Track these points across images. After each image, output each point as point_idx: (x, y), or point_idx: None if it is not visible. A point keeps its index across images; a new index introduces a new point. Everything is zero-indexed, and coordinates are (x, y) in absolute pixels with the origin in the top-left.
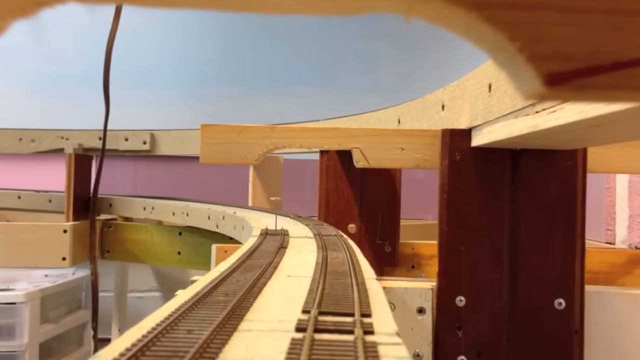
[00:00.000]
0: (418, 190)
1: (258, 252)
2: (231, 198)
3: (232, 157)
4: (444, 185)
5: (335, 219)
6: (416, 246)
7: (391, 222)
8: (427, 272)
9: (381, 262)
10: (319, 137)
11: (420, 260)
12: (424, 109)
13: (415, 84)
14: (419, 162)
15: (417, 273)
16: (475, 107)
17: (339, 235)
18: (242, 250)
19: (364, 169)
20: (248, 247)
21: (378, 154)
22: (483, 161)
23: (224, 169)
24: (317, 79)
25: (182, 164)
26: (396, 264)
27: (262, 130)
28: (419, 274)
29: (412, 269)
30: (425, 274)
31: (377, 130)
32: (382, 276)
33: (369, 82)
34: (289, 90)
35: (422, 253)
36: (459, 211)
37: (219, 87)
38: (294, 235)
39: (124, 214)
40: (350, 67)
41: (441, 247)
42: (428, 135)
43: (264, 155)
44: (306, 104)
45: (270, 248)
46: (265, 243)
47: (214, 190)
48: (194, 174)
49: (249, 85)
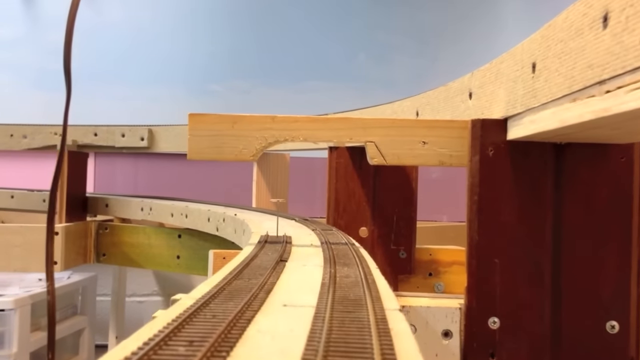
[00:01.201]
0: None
1: (251, 267)
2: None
3: (225, 151)
4: (474, 186)
5: (346, 221)
6: (434, 252)
7: (407, 225)
8: (446, 281)
9: (395, 269)
10: (327, 128)
11: (438, 268)
12: (446, 98)
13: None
14: (444, 159)
15: (435, 281)
16: (514, 93)
17: (349, 244)
18: (232, 266)
19: (377, 168)
20: (240, 261)
21: (396, 148)
22: (521, 157)
23: (228, 167)
24: (330, 73)
25: (184, 162)
26: (412, 272)
27: (261, 121)
28: (437, 282)
29: (429, 277)
30: (443, 283)
31: (395, 121)
32: (396, 284)
33: (383, 76)
34: (300, 85)
35: (440, 259)
36: (492, 217)
37: (227, 81)
38: (298, 243)
39: (120, 214)
40: (363, 61)
41: (471, 258)
42: (455, 127)
43: (263, 150)
44: (318, 99)
45: (267, 261)
46: (262, 254)
47: (218, 190)
48: (197, 173)
49: (258, 80)
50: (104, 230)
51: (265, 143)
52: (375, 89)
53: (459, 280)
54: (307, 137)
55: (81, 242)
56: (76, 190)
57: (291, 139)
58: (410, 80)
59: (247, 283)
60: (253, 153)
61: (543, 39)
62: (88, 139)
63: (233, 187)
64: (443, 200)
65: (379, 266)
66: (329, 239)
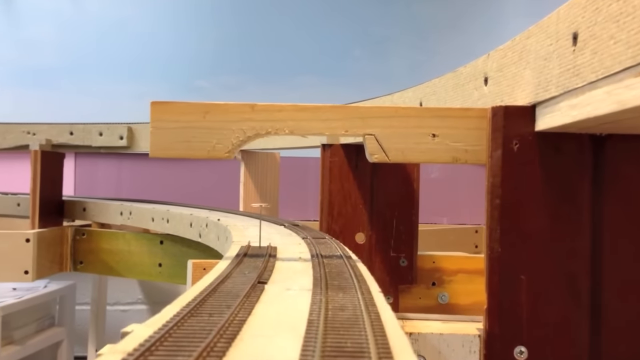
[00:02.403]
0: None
1: (218, 295)
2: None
3: (195, 147)
4: (495, 188)
5: (341, 226)
6: (437, 259)
7: (407, 230)
8: (451, 291)
9: (395, 278)
10: (318, 119)
11: (442, 276)
12: (456, 86)
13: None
14: (458, 154)
15: (439, 292)
16: (545, 73)
17: (345, 257)
18: (195, 291)
19: (375, 167)
20: (206, 284)
21: (400, 142)
22: (552, 152)
23: (215, 167)
24: (324, 67)
25: (170, 163)
26: (413, 281)
27: (238, 110)
28: (441, 292)
29: (432, 287)
30: (448, 293)
31: (399, 110)
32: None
33: (379, 71)
34: (292, 81)
35: (445, 267)
36: (518, 224)
37: (214, 77)
38: (284, 255)
39: (99, 219)
40: (358, 55)
41: (491, 274)
42: (471, 116)
43: (241, 146)
44: (311, 95)
45: (241, 284)
46: (237, 274)
47: (205, 191)
48: (184, 173)
49: (247, 76)
50: (81, 236)
51: (244, 137)
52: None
53: (464, 290)
54: (294, 130)
55: (56, 249)
56: (51, 193)
57: (274, 131)
58: (408, 76)
59: (208, 320)
60: (229, 149)
61: (589, 1)
62: (63, 138)
63: (220, 189)
64: (443, 202)
65: (377, 275)
66: (320, 251)
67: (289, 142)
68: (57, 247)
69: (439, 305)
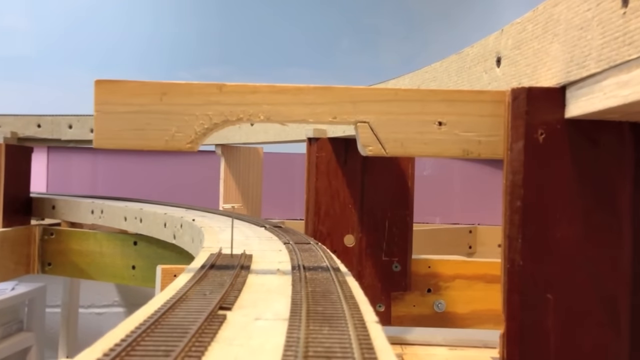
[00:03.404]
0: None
1: (160, 330)
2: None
3: (149, 137)
4: (516, 187)
5: (328, 228)
6: (433, 263)
7: (401, 232)
8: (447, 298)
9: (388, 285)
10: (299, 102)
11: (439, 282)
12: (460, 70)
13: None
14: (470, 146)
15: (435, 299)
16: (581, 45)
17: (333, 270)
18: (128, 327)
19: (365, 163)
20: (150, 312)
21: (400, 132)
22: (587, 144)
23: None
24: (311, 60)
25: (148, 158)
26: (407, 288)
27: (203, 91)
28: (437, 300)
29: (427, 294)
30: (444, 300)
31: (399, 92)
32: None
33: (369, 63)
34: (278, 73)
35: (441, 272)
36: (544, 232)
37: (196, 68)
38: (259, 267)
39: (68, 218)
40: (346, 46)
41: (511, 293)
42: (486, 100)
43: (206, 135)
44: None
45: (197, 311)
46: (196, 294)
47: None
48: (162, 169)
49: (231, 67)
50: (49, 236)
51: (210, 124)
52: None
53: (463, 297)
54: (271, 116)
55: (22, 249)
56: (17, 189)
57: (247, 117)
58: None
59: None
60: (191, 139)
61: None
62: (30, 131)
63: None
64: (435, 200)
65: (368, 281)
66: (303, 260)
67: (272, 136)
68: (24, 248)
69: (435, 314)
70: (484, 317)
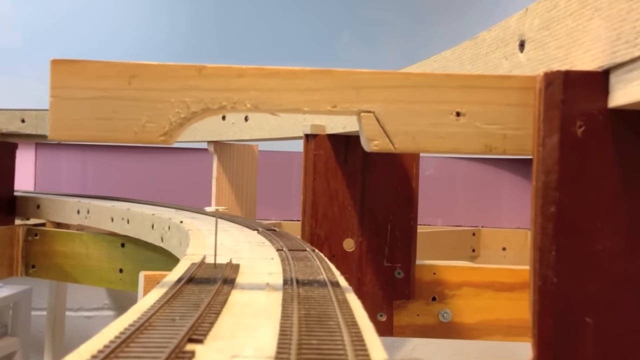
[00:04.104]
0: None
1: None
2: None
3: (116, 127)
4: (550, 189)
5: (326, 231)
6: (438, 270)
7: (404, 236)
8: (454, 307)
9: (390, 292)
10: (292, 88)
11: (444, 290)
12: (475, 57)
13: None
14: (493, 141)
15: (440, 308)
16: (632, 20)
17: (331, 285)
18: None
19: (366, 162)
20: (95, 348)
21: (411, 123)
22: (633, 137)
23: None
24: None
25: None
26: (411, 296)
27: (179, 74)
28: (443, 309)
29: (432, 302)
30: (450, 310)
31: (411, 77)
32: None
33: (370, 57)
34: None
35: (447, 280)
36: (584, 244)
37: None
38: (246, 280)
39: (53, 218)
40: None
41: (543, 316)
42: (513, 87)
43: (184, 126)
44: None
45: (158, 346)
46: (163, 319)
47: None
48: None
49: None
50: (33, 237)
51: (187, 113)
52: None
53: (470, 306)
54: (259, 103)
55: (5, 250)
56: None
57: (231, 105)
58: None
59: None
60: (165, 130)
61: None
62: (14, 127)
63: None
64: (437, 201)
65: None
66: (298, 272)
67: (268, 132)
68: (6, 249)
69: (440, 324)
70: (492, 327)
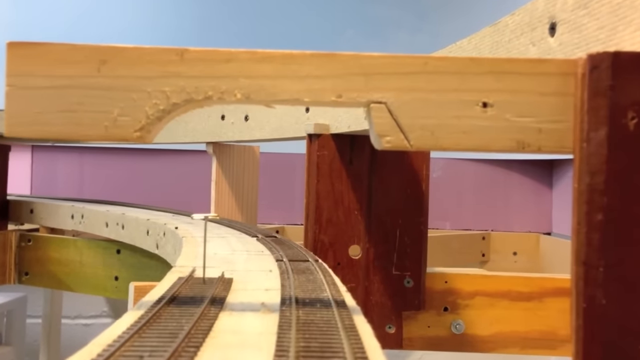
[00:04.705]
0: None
1: None
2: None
3: (82, 121)
4: (596, 193)
5: (331, 237)
6: (450, 278)
7: (414, 243)
8: (467, 318)
9: (399, 302)
10: (290, 75)
11: (456, 300)
12: (497, 45)
13: None
14: (527, 136)
15: (452, 319)
16: None
17: (337, 305)
18: None
19: (373, 163)
20: None
21: (431, 116)
22: None
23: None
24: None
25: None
26: (421, 306)
27: (158, 59)
28: (455, 320)
29: (444, 313)
30: (463, 320)
31: (430, 61)
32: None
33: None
34: None
35: (460, 288)
36: (638, 255)
37: None
38: (238, 298)
39: (47, 223)
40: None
41: (590, 343)
42: (549, 72)
43: (163, 121)
44: None
45: None
46: (129, 356)
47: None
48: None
49: None
50: (26, 243)
51: (167, 104)
52: None
53: (484, 317)
54: (251, 93)
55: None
56: None
57: (218, 95)
58: None
59: None
60: (141, 124)
61: None
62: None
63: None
64: (445, 204)
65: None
66: (298, 288)
67: (269, 132)
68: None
69: (453, 336)
70: (509, 340)
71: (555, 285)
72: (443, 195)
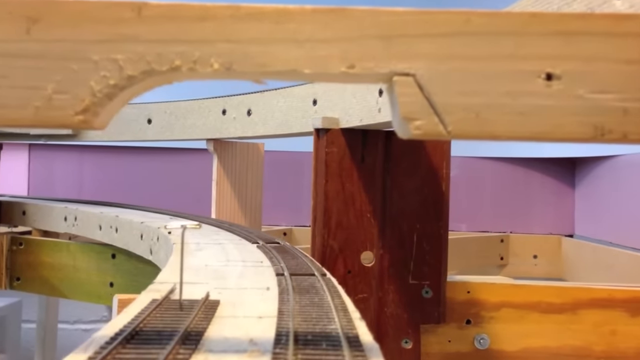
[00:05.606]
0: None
1: None
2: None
3: (4, 100)
4: None
5: (341, 242)
6: (473, 288)
7: (433, 249)
8: (492, 332)
9: (417, 315)
10: (286, 37)
11: (480, 312)
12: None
13: None
14: (607, 119)
15: (476, 333)
16: None
17: (350, 345)
18: None
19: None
20: None
21: (474, 92)
22: None
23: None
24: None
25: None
26: (441, 319)
27: (106, 17)
28: (479, 334)
29: (466, 326)
30: (488, 335)
31: (473, 19)
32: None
33: None
34: None
35: (484, 299)
36: None
37: None
38: (220, 333)
39: (39, 225)
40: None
41: None
42: (636, 33)
43: (115, 100)
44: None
45: None
46: None
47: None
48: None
49: None
50: (18, 246)
51: (119, 78)
52: None
53: (510, 330)
54: (234, 62)
55: None
56: None
57: (189, 64)
58: None
59: None
60: (85, 105)
61: None
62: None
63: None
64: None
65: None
66: (299, 317)
67: (273, 128)
68: None
69: (476, 352)
70: (538, 356)
71: (590, 296)
72: (460, 196)
